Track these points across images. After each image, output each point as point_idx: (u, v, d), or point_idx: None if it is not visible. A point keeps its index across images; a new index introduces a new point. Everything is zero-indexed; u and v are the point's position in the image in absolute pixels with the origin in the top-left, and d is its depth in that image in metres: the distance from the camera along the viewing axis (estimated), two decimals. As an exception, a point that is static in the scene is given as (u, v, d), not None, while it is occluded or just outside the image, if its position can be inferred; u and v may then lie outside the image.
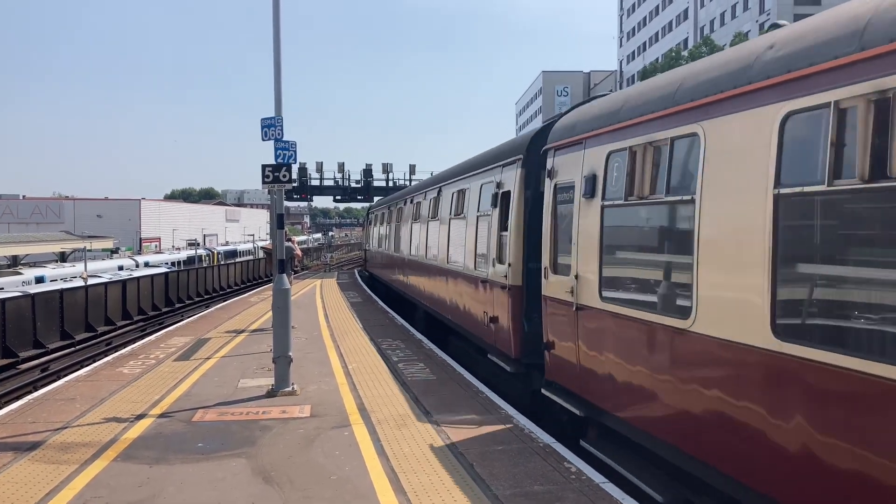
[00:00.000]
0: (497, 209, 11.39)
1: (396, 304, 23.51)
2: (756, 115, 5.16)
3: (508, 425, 8.66)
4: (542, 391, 8.98)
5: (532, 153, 10.35)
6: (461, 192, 14.47)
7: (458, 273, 14.02)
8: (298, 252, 20.50)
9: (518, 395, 10.57)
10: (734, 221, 5.35)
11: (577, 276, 7.85)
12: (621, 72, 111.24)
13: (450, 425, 8.67)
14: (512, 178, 10.87)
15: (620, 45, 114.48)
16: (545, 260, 8.94)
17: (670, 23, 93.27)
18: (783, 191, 4.82)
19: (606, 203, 7.33)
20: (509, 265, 10.53)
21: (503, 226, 11.05)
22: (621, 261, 7.45)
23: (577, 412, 7.99)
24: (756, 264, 5.01)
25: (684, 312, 5.90)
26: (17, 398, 13.87)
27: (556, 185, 8.76)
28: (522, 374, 10.37)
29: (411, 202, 21.32)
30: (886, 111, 4.06)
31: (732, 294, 5.37)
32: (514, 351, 10.42)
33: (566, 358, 8.30)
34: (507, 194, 11.05)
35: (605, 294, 7.31)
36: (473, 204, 13.15)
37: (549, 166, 9.06)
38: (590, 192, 7.58)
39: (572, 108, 9.68)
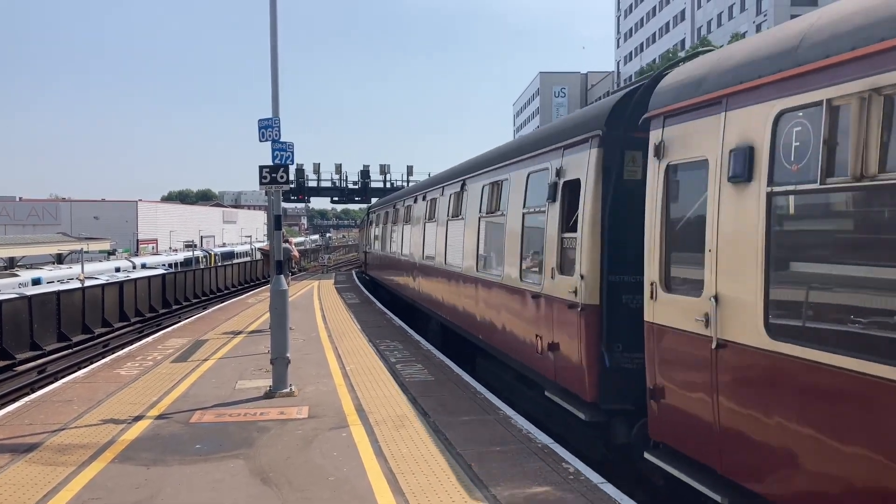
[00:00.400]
0: (557, 204, 8.81)
1: (404, 313, 21.40)
2: None
3: (506, 426, 8.65)
4: (646, 455, 6.59)
5: (614, 127, 7.86)
6: (496, 185, 11.86)
7: (494, 284, 11.36)
8: (296, 253, 20.39)
9: (586, 444, 8.39)
10: None
11: (715, 298, 5.54)
12: (619, 73, 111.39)
13: (448, 426, 8.66)
14: (582, 163, 8.26)
15: (618, 46, 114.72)
16: (652, 272, 6.52)
17: (667, 24, 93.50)
18: None
19: (776, 189, 5.01)
20: (581, 277, 7.91)
21: (567, 225, 8.59)
22: (808, 277, 5.02)
23: (716, 498, 5.57)
24: None
25: None
26: (14, 400, 13.84)
27: (669, 166, 6.41)
28: (601, 423, 7.89)
29: (423, 199, 18.68)
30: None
31: None
32: (589, 393, 7.80)
33: (691, 413, 5.93)
34: (573, 184, 8.49)
35: (774, 326, 4.99)
36: (517, 198, 10.48)
37: (654, 140, 6.61)
38: (742, 174, 5.26)
39: (683, 60, 7.31)
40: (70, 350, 22.73)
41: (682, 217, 6.36)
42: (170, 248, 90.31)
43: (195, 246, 77.80)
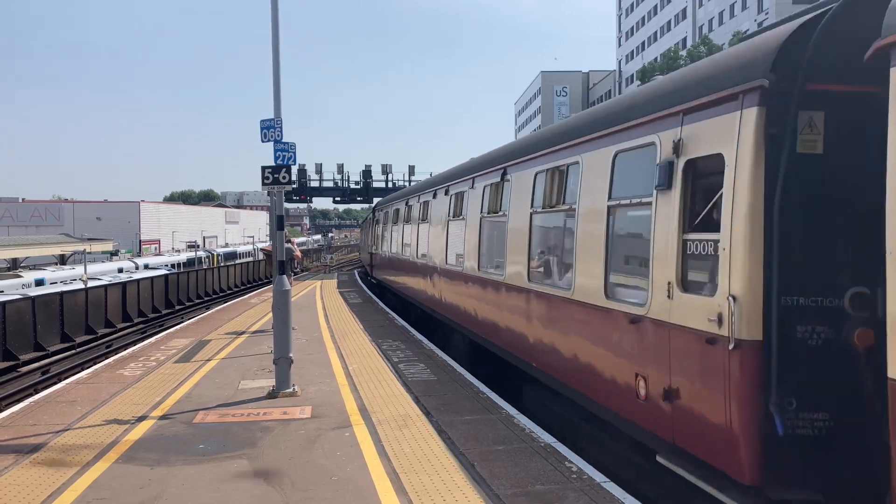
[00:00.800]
0: (674, 192, 6.23)
1: (423, 325, 18.55)
2: None
3: (509, 425, 8.67)
4: None
5: (785, 75, 5.23)
6: (556, 172, 9.24)
7: (558, 299, 8.84)
8: (298, 253, 20.38)
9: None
10: None
11: None
12: (620, 72, 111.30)
13: (451, 425, 8.68)
14: (727, 131, 5.60)
15: (619, 45, 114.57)
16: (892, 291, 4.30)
17: (669, 22, 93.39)
18: None
19: None
20: (732, 299, 5.34)
21: (693, 222, 6.06)
22: None
23: None
24: None
25: None
26: (18, 401, 13.87)
27: None
28: None
29: (446, 194, 16.00)
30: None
31: None
32: (748, 473, 5.22)
33: None
34: (707, 164, 5.92)
35: None
36: (595, 187, 7.86)
37: None
38: None
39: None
40: (73, 351, 22.79)
41: None
42: (172, 248, 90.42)
43: (198, 246, 77.90)
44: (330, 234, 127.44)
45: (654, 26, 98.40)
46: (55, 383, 14.21)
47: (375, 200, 51.01)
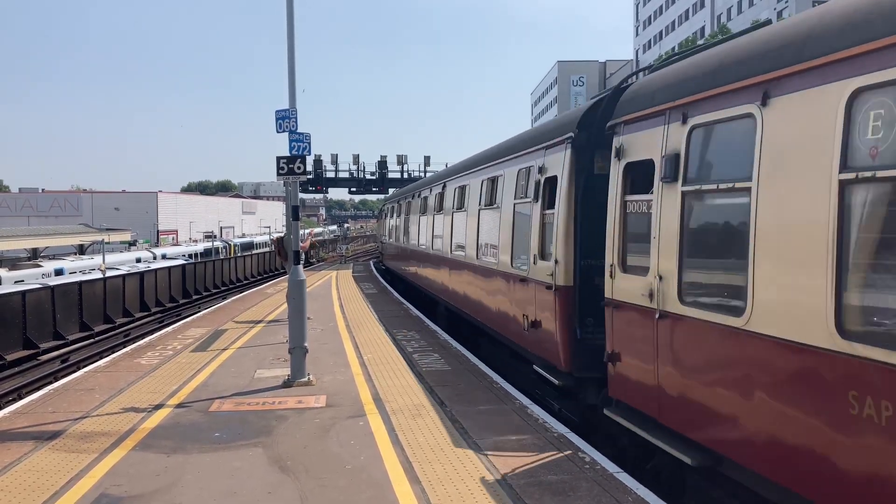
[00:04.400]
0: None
1: (456, 330, 16.09)
2: None
3: (523, 415, 8.68)
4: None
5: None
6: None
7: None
8: (304, 244, 19.24)
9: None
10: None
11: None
12: (637, 61, 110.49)
13: (464, 415, 8.70)
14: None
15: (636, 35, 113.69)
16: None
17: (686, 11, 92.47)
18: None
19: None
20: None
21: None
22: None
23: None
24: None
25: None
26: (38, 388, 14.07)
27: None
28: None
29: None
30: None
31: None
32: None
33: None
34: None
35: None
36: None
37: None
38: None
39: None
40: (92, 340, 23.04)
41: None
42: (189, 238, 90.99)
43: (215, 237, 78.34)
44: (346, 225, 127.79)
45: (672, 15, 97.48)
46: (74, 371, 14.38)
47: (391, 191, 51.05)
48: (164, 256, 54.27)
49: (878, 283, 4.48)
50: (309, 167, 11.36)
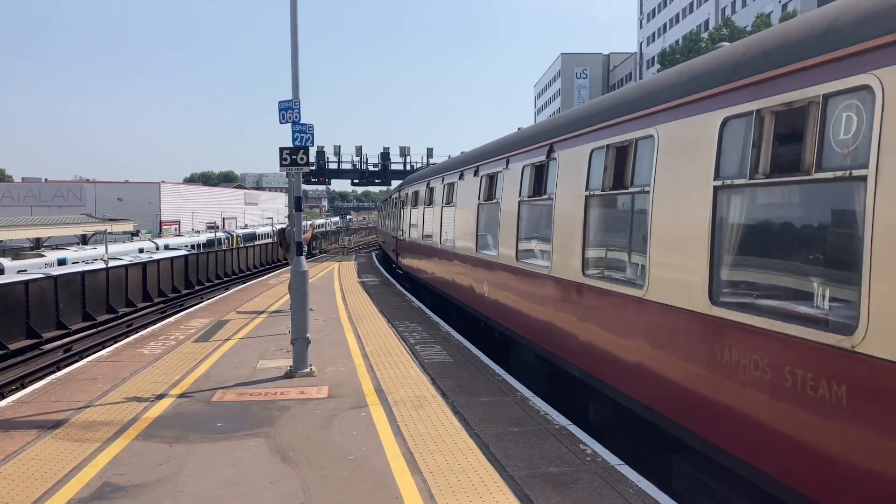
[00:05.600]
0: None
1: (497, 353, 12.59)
2: None
3: (524, 407, 8.69)
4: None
5: None
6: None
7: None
8: (304, 235, 19.19)
9: None
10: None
11: None
12: (641, 54, 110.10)
13: (466, 407, 8.72)
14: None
15: (640, 27, 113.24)
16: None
17: (691, 4, 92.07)
18: None
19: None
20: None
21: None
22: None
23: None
24: None
25: None
26: (41, 378, 14.11)
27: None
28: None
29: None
30: None
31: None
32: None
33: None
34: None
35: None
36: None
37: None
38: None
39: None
40: (95, 329, 23.12)
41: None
42: (192, 229, 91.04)
43: (217, 227, 78.34)
44: (348, 217, 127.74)
45: (677, 7, 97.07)
46: (77, 361, 14.44)
47: (394, 183, 50.95)
48: (166, 247, 54.32)
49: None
50: (312, 158, 11.35)
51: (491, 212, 13.01)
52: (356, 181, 64.34)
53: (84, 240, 52.98)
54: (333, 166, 61.02)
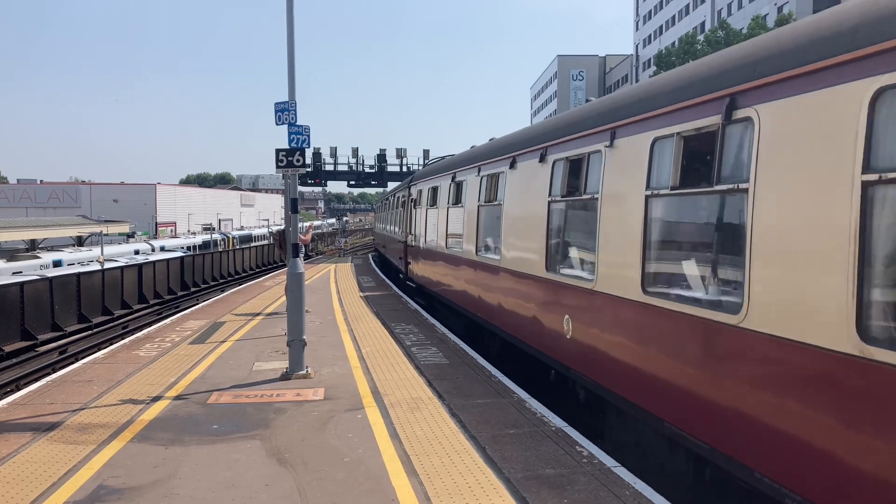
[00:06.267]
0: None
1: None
2: None
3: (520, 409, 8.68)
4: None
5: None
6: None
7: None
8: (304, 238, 19.12)
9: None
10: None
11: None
12: (637, 56, 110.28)
13: (462, 409, 8.71)
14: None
15: (637, 29, 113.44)
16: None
17: (687, 6, 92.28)
18: None
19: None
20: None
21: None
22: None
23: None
24: None
25: None
26: (36, 380, 14.06)
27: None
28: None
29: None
30: None
31: None
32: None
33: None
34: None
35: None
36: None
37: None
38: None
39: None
40: (90, 331, 23.05)
41: None
42: (188, 231, 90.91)
43: (213, 229, 78.23)
44: (345, 218, 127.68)
45: (673, 10, 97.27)
46: (72, 363, 14.41)
47: (390, 185, 50.89)
48: (162, 248, 54.23)
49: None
50: (308, 160, 11.34)
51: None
52: (352, 183, 64.41)
53: (80, 241, 52.88)
54: (330, 168, 61.08)
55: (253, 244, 62.79)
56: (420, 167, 56.08)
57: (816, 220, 4.76)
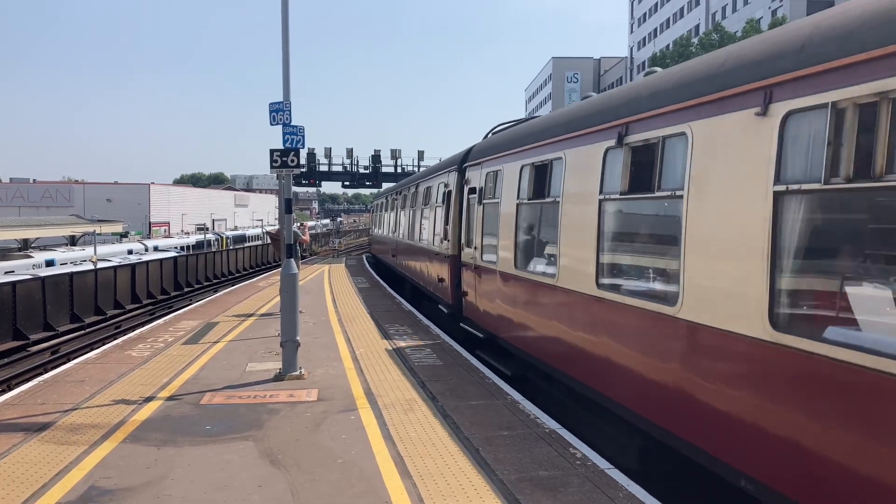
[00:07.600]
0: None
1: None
2: None
3: (514, 410, 8.68)
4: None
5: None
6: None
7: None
8: (305, 237, 19.51)
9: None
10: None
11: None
12: (632, 58, 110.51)
13: (456, 410, 8.70)
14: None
15: (631, 32, 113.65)
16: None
17: (681, 9, 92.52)
18: None
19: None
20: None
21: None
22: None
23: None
24: None
25: None
26: (28, 380, 13.97)
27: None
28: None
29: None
30: None
31: None
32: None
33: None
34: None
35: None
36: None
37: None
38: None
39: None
40: (82, 331, 22.96)
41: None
42: (182, 231, 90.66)
43: (207, 229, 78.03)
44: (339, 219, 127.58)
45: (667, 13, 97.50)
46: (64, 363, 14.31)
47: (385, 186, 50.81)
48: (155, 248, 54.05)
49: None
50: (302, 160, 11.32)
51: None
52: (347, 183, 64.41)
53: (73, 241, 52.66)
54: (324, 168, 61.06)
55: (247, 244, 62.65)
56: (415, 168, 55.85)
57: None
